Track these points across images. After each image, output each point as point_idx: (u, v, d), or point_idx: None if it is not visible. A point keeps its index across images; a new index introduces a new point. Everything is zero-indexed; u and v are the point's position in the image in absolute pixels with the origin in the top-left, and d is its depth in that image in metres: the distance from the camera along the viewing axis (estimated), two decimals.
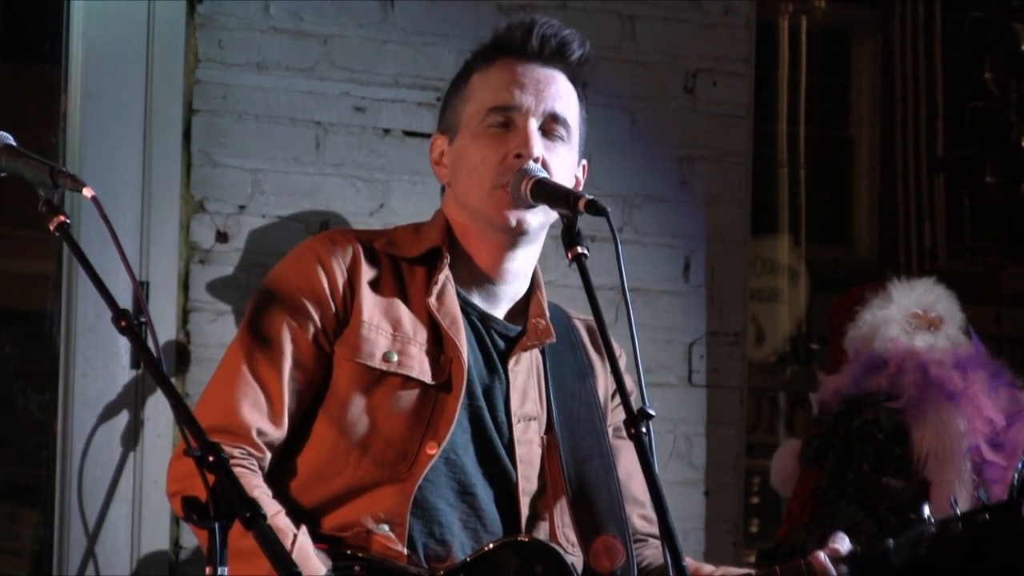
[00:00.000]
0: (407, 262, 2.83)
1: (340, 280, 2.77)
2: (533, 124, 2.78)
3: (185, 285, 3.95)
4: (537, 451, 2.85)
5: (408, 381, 2.76)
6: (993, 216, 8.89)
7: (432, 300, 2.78)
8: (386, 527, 2.72)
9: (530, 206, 2.75)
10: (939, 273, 4.75)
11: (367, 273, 2.79)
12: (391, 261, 2.83)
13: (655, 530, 2.93)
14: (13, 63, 4.33)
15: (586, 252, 2.56)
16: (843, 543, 2.77)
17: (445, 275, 2.81)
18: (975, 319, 4.59)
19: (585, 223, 2.61)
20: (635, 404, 2.47)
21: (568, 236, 2.58)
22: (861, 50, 9.28)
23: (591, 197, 2.59)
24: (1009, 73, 8.50)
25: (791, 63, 8.54)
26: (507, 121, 2.79)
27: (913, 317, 4.41)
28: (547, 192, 2.70)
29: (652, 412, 2.42)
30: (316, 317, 2.76)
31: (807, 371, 7.84)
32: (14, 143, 2.41)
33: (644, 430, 2.41)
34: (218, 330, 3.92)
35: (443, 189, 2.91)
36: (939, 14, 8.76)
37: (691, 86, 4.42)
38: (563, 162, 2.81)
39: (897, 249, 8.88)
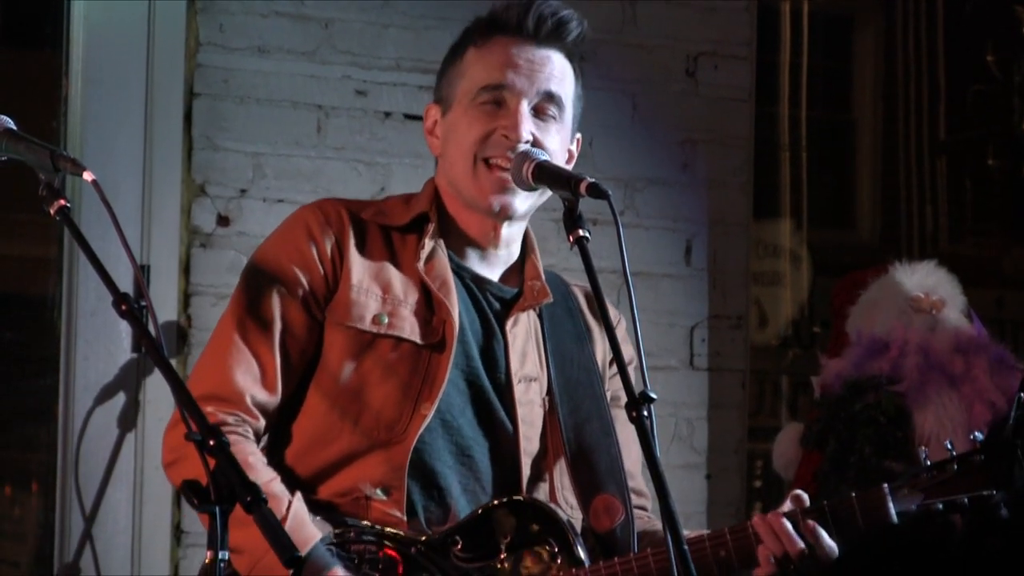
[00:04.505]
0: (397, 231, 2.85)
1: (329, 246, 2.78)
2: (524, 106, 2.78)
3: (186, 269, 3.95)
4: (539, 412, 2.86)
5: (399, 343, 2.76)
6: (995, 199, 8.86)
7: (420, 265, 2.79)
8: (382, 492, 2.72)
9: (531, 188, 2.75)
10: (941, 256, 4.74)
11: (356, 239, 2.81)
12: (381, 230, 2.84)
13: (642, 502, 2.95)
14: (14, 48, 4.32)
15: (588, 235, 2.56)
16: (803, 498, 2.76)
17: (433, 240, 2.81)
18: (977, 302, 4.58)
19: (587, 206, 2.60)
20: (634, 376, 2.47)
21: (570, 219, 2.58)
22: (863, 33, 9.25)
23: (593, 180, 2.59)
24: (1012, 56, 8.47)
25: (793, 46, 8.50)
26: (498, 100, 2.79)
27: (915, 300, 4.40)
28: (548, 175, 2.70)
29: (654, 395, 2.42)
30: (306, 283, 2.77)
31: (809, 354, 7.82)
32: (15, 127, 2.41)
33: (646, 413, 2.41)
34: (219, 314, 3.90)
35: (436, 160, 2.92)
36: None
37: (693, 69, 4.41)
38: (555, 140, 2.81)
39: (899, 232, 8.86)
